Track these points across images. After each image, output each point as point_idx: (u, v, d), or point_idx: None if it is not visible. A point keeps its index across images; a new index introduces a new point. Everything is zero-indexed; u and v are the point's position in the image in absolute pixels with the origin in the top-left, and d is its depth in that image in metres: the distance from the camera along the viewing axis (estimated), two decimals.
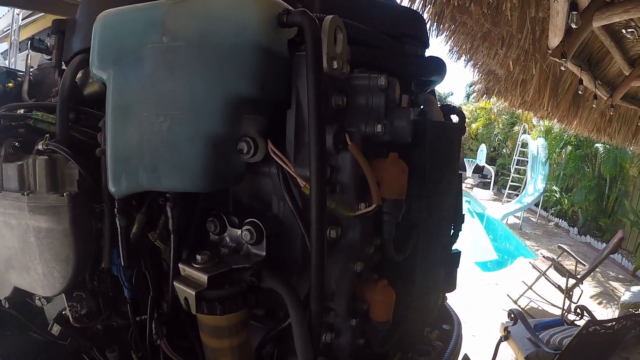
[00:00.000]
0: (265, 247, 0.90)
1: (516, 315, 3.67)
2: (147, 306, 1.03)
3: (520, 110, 6.89)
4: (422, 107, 1.14)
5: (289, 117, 0.85)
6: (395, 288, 0.97)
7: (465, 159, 17.79)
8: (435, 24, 3.03)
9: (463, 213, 1.20)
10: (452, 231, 1.20)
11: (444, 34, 3.44)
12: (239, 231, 0.91)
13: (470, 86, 20.42)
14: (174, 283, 0.84)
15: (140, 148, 0.82)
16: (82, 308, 1.06)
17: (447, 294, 1.36)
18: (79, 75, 1.09)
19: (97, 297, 1.08)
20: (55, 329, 1.17)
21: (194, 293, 0.81)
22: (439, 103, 1.35)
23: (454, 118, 1.23)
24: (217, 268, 0.84)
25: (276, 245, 0.92)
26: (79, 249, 0.99)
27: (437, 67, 1.15)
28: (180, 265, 0.86)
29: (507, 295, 6.30)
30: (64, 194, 0.97)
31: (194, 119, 0.77)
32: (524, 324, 3.79)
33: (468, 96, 23.09)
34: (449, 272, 1.23)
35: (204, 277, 0.82)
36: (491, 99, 5.49)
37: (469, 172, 17.39)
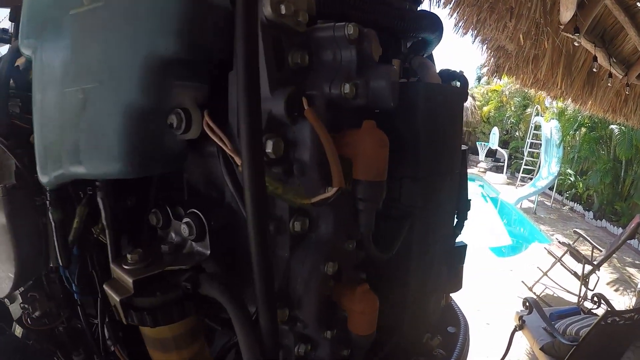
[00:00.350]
0: (210, 243, 0.73)
1: (531, 304, 3.55)
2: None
3: (532, 91, 6.63)
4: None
5: (231, 80, 0.66)
6: (386, 290, 0.78)
7: (477, 143, 17.58)
8: None
9: (469, 198, 0.99)
10: (456, 220, 0.99)
11: (448, 7, 3.19)
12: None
13: (481, 68, 19.99)
14: (104, 286, 0.70)
15: (62, 130, 0.73)
16: (36, 310, 0.99)
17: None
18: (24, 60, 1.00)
19: (52, 298, 1.01)
20: (18, 331, 1.10)
21: (118, 300, 0.67)
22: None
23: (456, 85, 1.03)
24: (147, 270, 0.70)
25: (229, 241, 0.74)
26: (21, 246, 0.91)
27: (431, 23, 0.94)
28: (111, 266, 0.73)
29: (522, 282, 6.15)
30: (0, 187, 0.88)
31: (113, 90, 0.67)
32: (539, 313, 3.66)
33: (479, 79, 22.61)
34: (452, 269, 1.03)
35: (130, 281, 0.67)
36: (502, 80, 5.24)
37: (481, 155, 17.09)
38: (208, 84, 0.71)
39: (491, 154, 17.01)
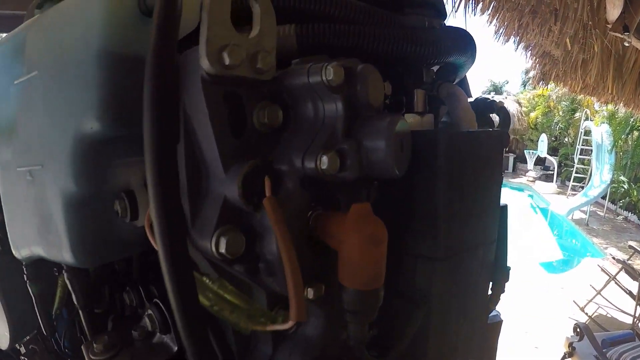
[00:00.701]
0: (177, 338, 0.63)
1: (582, 330, 3.45)
2: None
3: (581, 96, 6.20)
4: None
5: (179, 155, 0.50)
6: None
7: (525, 151, 16.92)
8: (473, 0, 2.56)
9: (508, 265, 0.78)
10: (490, 293, 0.78)
11: (487, 13, 2.95)
12: None
13: (526, 73, 19.26)
14: None
15: (21, 210, 0.70)
16: None
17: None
18: None
19: (51, 351, 0.99)
20: None
21: None
22: (472, 96, 0.94)
23: (494, 118, 0.82)
24: None
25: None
26: (11, 308, 0.92)
27: (457, 42, 0.73)
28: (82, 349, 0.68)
29: (574, 301, 5.72)
30: None
31: (53, 174, 0.60)
32: (590, 339, 3.45)
33: (524, 84, 21.77)
34: (482, 346, 0.81)
35: None
36: (549, 85, 4.91)
37: (530, 164, 16.42)
38: None
39: (540, 162, 16.32)
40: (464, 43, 0.74)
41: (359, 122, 0.48)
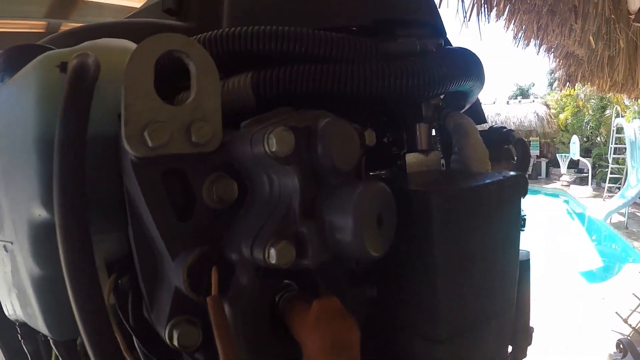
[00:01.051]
0: None
1: (625, 347, 3.34)
2: None
3: (610, 93, 5.93)
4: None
5: (131, 240, 0.44)
6: None
7: (557, 154, 16.40)
8: (485, 5, 2.43)
9: (531, 326, 0.66)
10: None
11: (502, 17, 2.81)
12: None
13: (551, 73, 18.77)
14: None
15: (3, 276, 0.69)
16: None
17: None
18: None
19: None
20: None
21: None
22: (485, 121, 0.84)
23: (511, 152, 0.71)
24: None
25: None
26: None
27: (455, 68, 0.59)
28: None
29: (616, 312, 5.40)
30: None
31: (20, 252, 0.59)
32: (634, 356, 3.32)
33: (551, 84, 21.18)
34: None
35: None
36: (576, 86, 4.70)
37: (563, 168, 15.86)
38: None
39: (573, 164, 15.76)
40: (464, 67, 0.61)
41: (324, 194, 0.39)
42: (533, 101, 18.01)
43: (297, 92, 0.48)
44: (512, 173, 0.54)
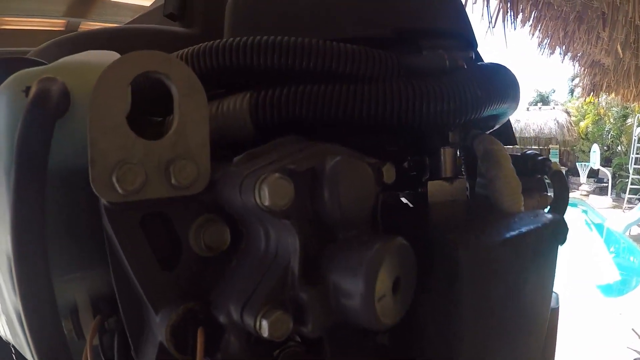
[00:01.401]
0: None
1: None
2: None
3: (635, 103, 5.75)
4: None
5: (113, 284, 0.38)
6: None
7: (577, 163, 16.16)
8: (511, 11, 2.33)
9: None
10: None
11: (528, 24, 2.71)
12: None
13: (572, 80, 18.42)
14: None
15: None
16: None
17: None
18: None
19: None
20: None
21: None
22: (515, 143, 0.76)
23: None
24: None
25: None
26: None
27: (495, 88, 0.51)
28: None
29: (632, 329, 5.24)
30: None
31: (3, 284, 0.53)
32: None
33: (572, 91, 20.80)
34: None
35: None
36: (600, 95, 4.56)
37: (582, 177, 15.58)
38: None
39: (593, 174, 15.48)
40: (501, 88, 0.52)
41: (330, 250, 0.32)
42: (553, 108, 17.69)
43: (302, 119, 0.41)
44: (548, 215, 0.46)
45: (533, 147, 14.92)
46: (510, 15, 2.39)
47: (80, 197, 0.42)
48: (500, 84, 0.52)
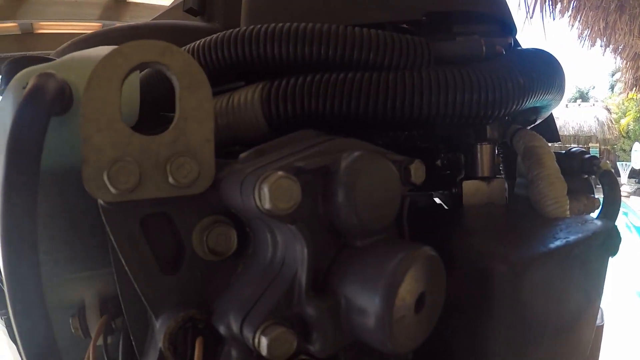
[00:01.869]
0: None
1: None
2: None
3: None
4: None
5: (117, 285, 0.37)
6: None
7: (618, 162, 15.46)
8: (549, 1, 2.22)
9: None
10: None
11: (567, 14, 2.58)
12: None
13: (613, 75, 17.67)
14: None
15: None
16: None
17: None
18: None
19: None
20: None
21: None
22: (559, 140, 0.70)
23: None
24: None
25: None
26: None
27: (539, 77, 0.45)
28: None
29: None
30: None
31: None
32: None
33: (612, 87, 19.98)
34: None
35: None
36: None
37: (623, 177, 14.90)
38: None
39: (635, 174, 14.78)
40: (545, 76, 0.46)
41: (344, 259, 0.28)
42: (593, 105, 17.04)
43: (319, 113, 0.37)
44: (597, 222, 0.40)
45: (572, 145, 14.43)
46: (549, 4, 2.28)
47: (86, 195, 0.40)
48: (545, 71, 0.46)
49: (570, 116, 16.05)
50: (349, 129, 0.39)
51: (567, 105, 17.21)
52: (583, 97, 20.88)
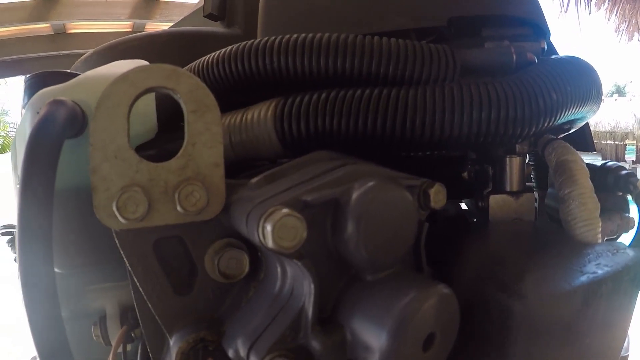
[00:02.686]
0: None
1: None
2: None
3: None
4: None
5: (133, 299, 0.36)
6: None
7: None
8: None
9: None
10: None
11: (603, 7, 2.47)
12: None
13: None
14: None
15: None
16: None
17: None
18: None
19: None
20: None
21: None
22: (594, 150, 0.67)
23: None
24: None
25: None
26: None
27: (574, 90, 0.41)
28: None
29: None
30: None
31: None
32: None
33: None
34: None
35: None
36: None
37: None
38: None
39: None
40: (581, 89, 0.43)
41: (354, 293, 0.27)
42: (630, 100, 16.38)
43: (333, 132, 0.36)
44: (630, 252, 0.37)
45: (608, 142, 13.90)
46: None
47: None
48: (580, 83, 0.43)
49: (607, 112, 15.49)
50: (366, 148, 0.38)
51: (603, 100, 16.63)
52: (620, 92, 20.09)
